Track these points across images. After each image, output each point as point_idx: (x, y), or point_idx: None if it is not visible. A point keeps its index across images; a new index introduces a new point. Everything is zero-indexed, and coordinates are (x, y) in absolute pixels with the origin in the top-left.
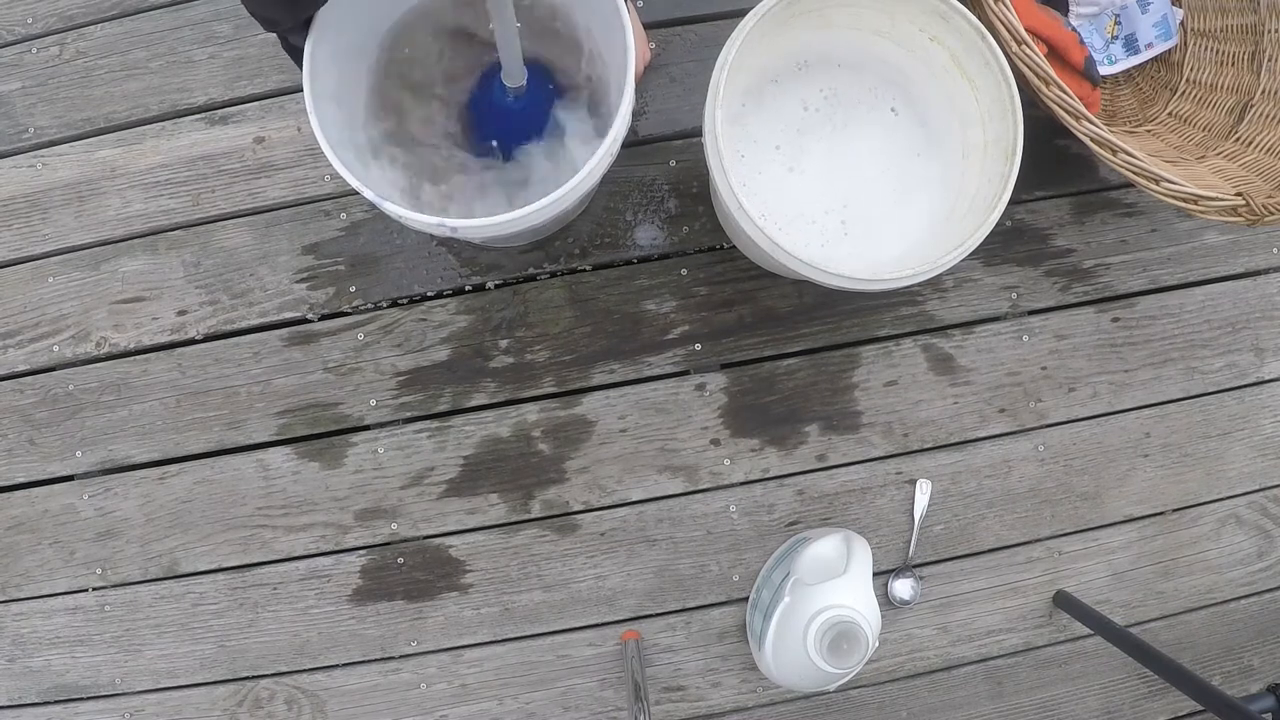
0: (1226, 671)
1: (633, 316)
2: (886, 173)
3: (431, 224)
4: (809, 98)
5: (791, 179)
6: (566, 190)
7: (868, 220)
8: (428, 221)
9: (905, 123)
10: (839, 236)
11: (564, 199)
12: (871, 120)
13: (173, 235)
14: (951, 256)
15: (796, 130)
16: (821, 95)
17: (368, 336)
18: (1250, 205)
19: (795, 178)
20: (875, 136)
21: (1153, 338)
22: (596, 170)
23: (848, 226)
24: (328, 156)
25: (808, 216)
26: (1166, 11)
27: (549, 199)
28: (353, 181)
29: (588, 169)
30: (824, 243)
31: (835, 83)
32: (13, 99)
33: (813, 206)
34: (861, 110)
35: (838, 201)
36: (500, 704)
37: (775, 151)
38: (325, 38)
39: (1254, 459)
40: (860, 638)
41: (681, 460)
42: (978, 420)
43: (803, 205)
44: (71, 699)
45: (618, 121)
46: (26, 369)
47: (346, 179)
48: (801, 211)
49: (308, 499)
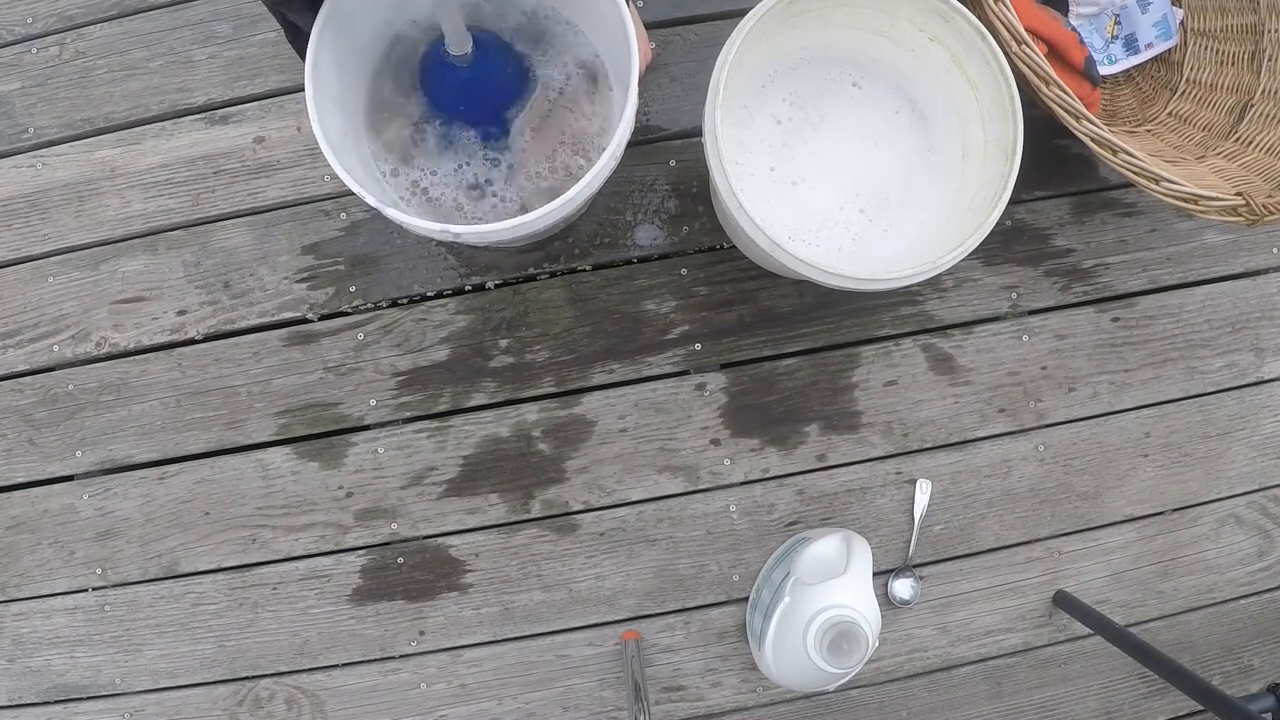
0: (1226, 671)
1: (633, 316)
2: (886, 173)
3: (434, 230)
4: (806, 97)
5: (791, 179)
6: (570, 197)
7: (867, 220)
8: (430, 228)
9: (905, 123)
10: (839, 236)
11: (567, 205)
12: (871, 120)
13: (173, 235)
14: (951, 256)
15: (792, 131)
16: (816, 96)
17: (367, 336)
18: (1250, 205)
19: (795, 177)
20: (875, 137)
21: (1153, 337)
22: (600, 175)
23: (848, 226)
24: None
25: (808, 216)
26: (1166, 11)
27: (551, 205)
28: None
29: (590, 176)
30: (825, 243)
31: (834, 83)
32: (13, 99)
33: (813, 206)
34: (861, 110)
35: (835, 203)
36: (500, 704)
37: (774, 151)
38: (327, 42)
39: (1254, 459)
40: (860, 638)
41: (681, 460)
42: (978, 420)
43: (803, 205)
44: (71, 699)
45: (621, 126)
46: (26, 369)
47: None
48: (802, 211)
49: (307, 499)
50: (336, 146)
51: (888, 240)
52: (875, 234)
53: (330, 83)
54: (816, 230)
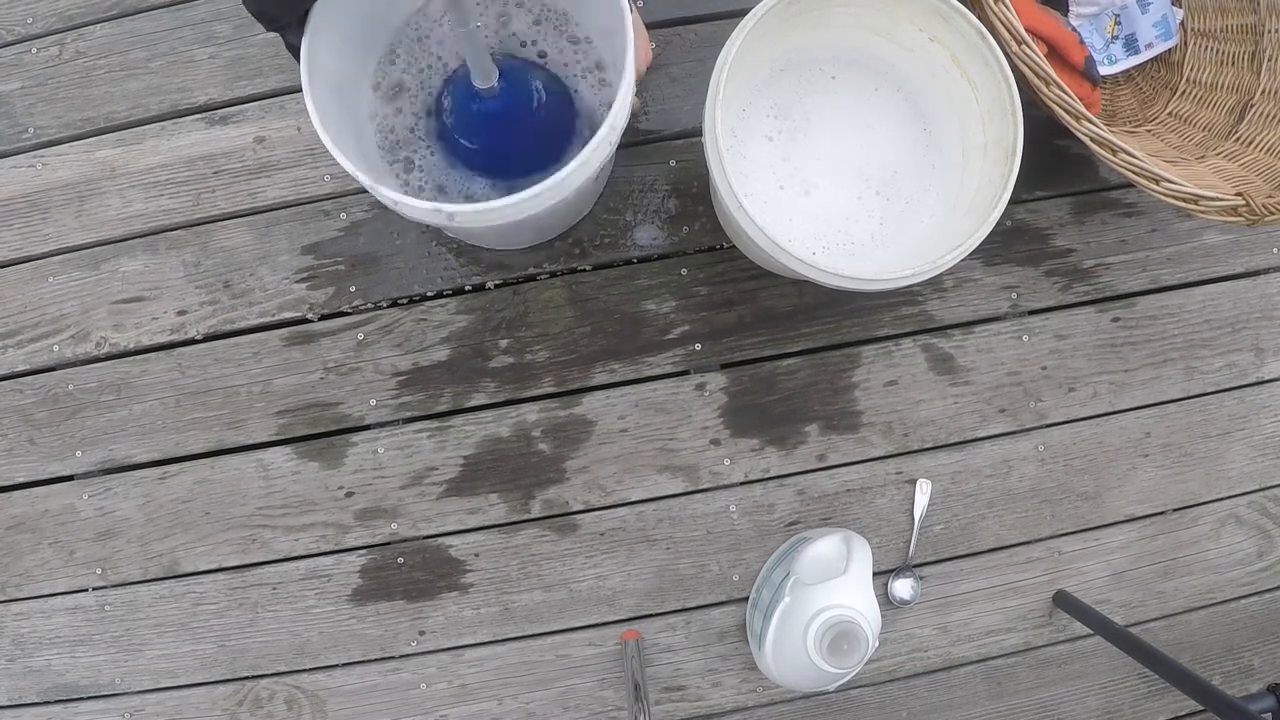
0: (1226, 671)
1: (633, 316)
2: (888, 149)
3: (428, 210)
4: (788, 105)
5: (804, 189)
6: (564, 176)
7: (867, 220)
8: (424, 208)
9: (905, 123)
10: (840, 235)
11: (561, 186)
12: (856, 104)
13: (173, 235)
14: (951, 256)
15: (785, 143)
16: (816, 95)
17: (368, 336)
18: (1250, 205)
19: (806, 186)
20: (866, 117)
21: (1153, 337)
22: (595, 158)
23: (871, 213)
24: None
25: (831, 218)
26: (1166, 11)
27: (545, 184)
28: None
29: (585, 154)
30: (825, 243)
31: (810, 82)
32: (13, 99)
33: (833, 207)
34: (844, 97)
35: (853, 194)
36: (500, 704)
37: (775, 168)
38: (321, 38)
39: (1254, 459)
40: (860, 638)
41: (681, 460)
42: (978, 420)
43: (824, 211)
44: (71, 699)
45: (616, 105)
46: (26, 369)
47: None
48: (823, 218)
49: (308, 499)
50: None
51: (888, 240)
52: (897, 211)
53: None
54: (842, 229)
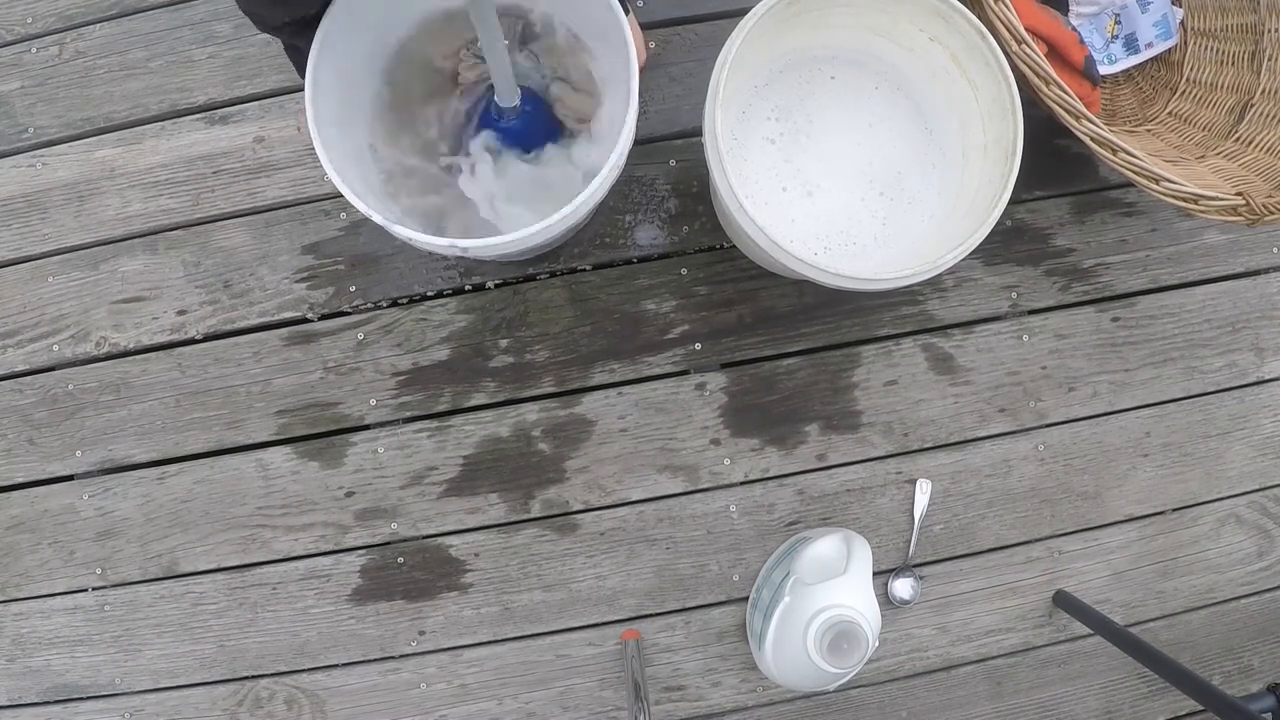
0: (1226, 671)
1: (633, 316)
2: (890, 148)
3: (442, 245)
4: (789, 107)
5: (806, 190)
6: (574, 207)
7: (871, 220)
8: (438, 243)
9: (906, 122)
10: (842, 236)
11: (570, 217)
12: (857, 103)
13: (172, 235)
14: (951, 256)
15: (787, 145)
16: (813, 93)
17: (367, 336)
18: (1250, 205)
19: (809, 188)
20: (867, 117)
21: (1153, 337)
22: (603, 186)
23: (875, 213)
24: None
25: (834, 220)
26: (1166, 11)
27: (556, 216)
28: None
29: (594, 186)
30: (827, 243)
31: (811, 84)
32: (12, 99)
33: (835, 209)
34: (845, 97)
35: (856, 195)
36: (500, 704)
37: (777, 170)
38: (327, 58)
39: (1254, 459)
40: (860, 638)
41: (681, 460)
42: (978, 420)
43: (827, 212)
44: (71, 699)
45: (624, 136)
46: (26, 369)
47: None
48: (826, 219)
49: (308, 499)
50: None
51: (889, 240)
52: (900, 211)
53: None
54: (845, 229)
